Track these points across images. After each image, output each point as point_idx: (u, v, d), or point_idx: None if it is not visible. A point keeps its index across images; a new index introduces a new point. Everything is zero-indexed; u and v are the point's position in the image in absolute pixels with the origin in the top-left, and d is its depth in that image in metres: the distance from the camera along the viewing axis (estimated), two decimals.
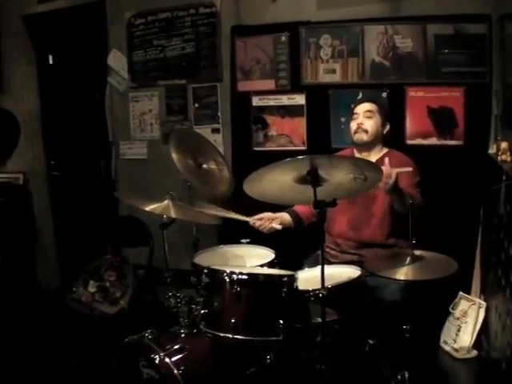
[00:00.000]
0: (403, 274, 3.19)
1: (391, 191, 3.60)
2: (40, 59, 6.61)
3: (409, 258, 3.27)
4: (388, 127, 4.18)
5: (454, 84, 4.62)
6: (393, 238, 4.03)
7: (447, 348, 4.32)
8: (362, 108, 4.15)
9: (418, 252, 3.31)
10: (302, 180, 2.99)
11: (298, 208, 4.32)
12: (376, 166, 3.09)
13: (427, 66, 4.68)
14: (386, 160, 3.58)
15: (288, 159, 2.87)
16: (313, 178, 2.94)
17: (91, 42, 6.21)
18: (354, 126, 4.15)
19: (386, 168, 3.49)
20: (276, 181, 3.03)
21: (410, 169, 3.75)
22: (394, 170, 3.52)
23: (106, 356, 3.83)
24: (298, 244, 4.41)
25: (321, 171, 2.93)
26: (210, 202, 4.35)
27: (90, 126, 6.44)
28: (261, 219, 4.16)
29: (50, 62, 6.71)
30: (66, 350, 4.62)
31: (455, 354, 4.24)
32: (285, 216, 4.29)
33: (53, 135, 6.70)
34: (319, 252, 3.98)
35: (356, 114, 4.17)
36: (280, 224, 4.19)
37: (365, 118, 4.10)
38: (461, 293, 4.41)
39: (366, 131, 4.08)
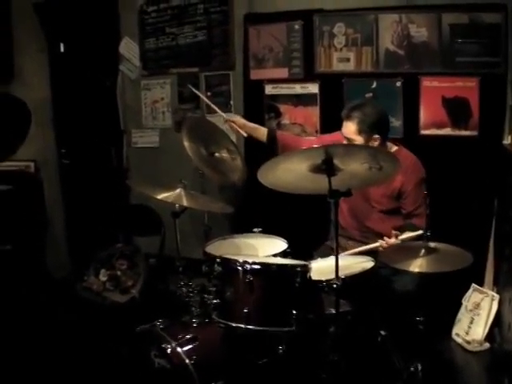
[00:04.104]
0: (417, 265, 3.16)
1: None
2: (51, 47, 6.59)
3: (423, 250, 3.24)
4: (378, 141, 3.85)
5: (469, 74, 4.57)
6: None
7: (459, 340, 4.30)
8: (343, 130, 3.92)
9: (432, 244, 3.28)
10: (316, 169, 2.96)
11: (286, 136, 4.50)
12: (392, 156, 3.06)
13: (442, 55, 4.63)
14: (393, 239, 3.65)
15: (303, 148, 2.85)
16: (328, 168, 2.91)
17: (103, 29, 6.19)
18: None
19: (386, 241, 3.63)
20: (290, 170, 3.01)
21: (419, 232, 3.54)
22: (398, 240, 3.61)
23: (118, 345, 3.83)
24: (308, 234, 4.40)
25: (336, 160, 2.91)
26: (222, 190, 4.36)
27: (102, 114, 6.41)
28: (233, 121, 4.33)
29: (62, 49, 6.67)
30: (77, 338, 4.62)
31: (467, 347, 4.22)
32: (260, 130, 4.45)
33: (64, 123, 6.68)
34: (328, 242, 4.00)
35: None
36: (248, 134, 4.39)
37: (346, 141, 3.91)
38: (474, 285, 4.39)
39: None
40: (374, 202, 4.00)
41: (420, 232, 3.48)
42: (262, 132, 4.42)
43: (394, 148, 4.06)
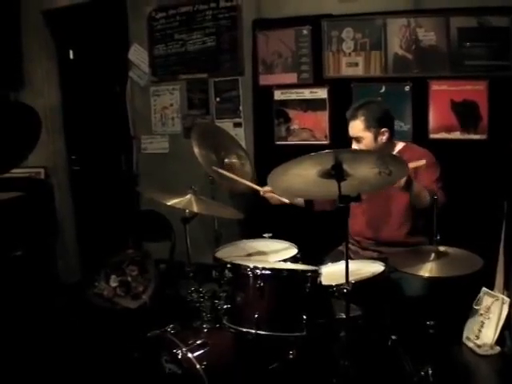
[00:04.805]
0: (428, 270, 3.16)
1: (405, 187, 3.54)
2: (61, 54, 6.63)
3: (433, 254, 3.24)
4: (386, 135, 3.92)
5: (478, 77, 4.56)
6: (414, 236, 3.97)
7: (470, 344, 4.29)
8: (351, 131, 3.96)
9: (442, 248, 3.28)
10: (326, 174, 2.96)
11: None
12: (401, 161, 3.05)
13: (450, 59, 4.63)
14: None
15: (313, 153, 2.85)
16: (337, 173, 2.91)
17: (112, 36, 6.22)
18: None
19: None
20: (300, 175, 3.01)
21: (424, 162, 3.57)
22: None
23: (128, 351, 3.84)
24: (320, 239, 4.40)
25: (345, 165, 2.91)
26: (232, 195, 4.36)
27: (111, 121, 6.44)
28: (272, 191, 4.12)
29: (71, 56, 6.72)
30: (88, 344, 4.64)
31: (478, 350, 4.21)
32: None
33: (74, 130, 6.72)
34: (340, 247, 3.99)
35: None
36: (290, 201, 4.20)
37: (355, 143, 3.95)
38: (484, 288, 4.38)
39: None
40: (394, 201, 4.00)
41: (423, 162, 3.54)
42: None
43: (402, 144, 4.08)
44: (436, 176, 3.85)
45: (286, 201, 4.16)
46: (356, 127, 3.90)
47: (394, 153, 4.00)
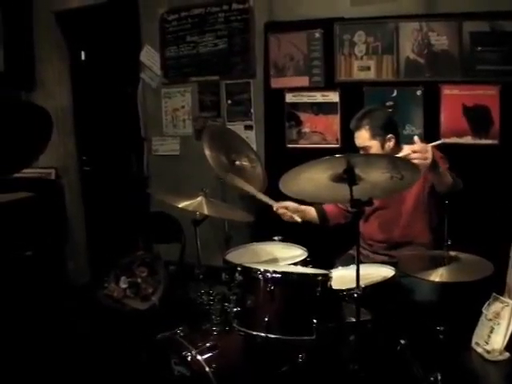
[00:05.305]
0: (438, 275, 3.15)
1: (432, 167, 3.45)
2: (72, 55, 6.66)
3: (444, 259, 3.23)
4: (393, 141, 3.92)
5: (490, 82, 4.55)
6: (424, 235, 3.98)
7: (479, 349, 4.27)
8: (357, 141, 3.96)
9: (453, 253, 3.27)
10: (338, 178, 2.97)
11: (327, 207, 4.30)
12: (413, 165, 3.05)
13: (462, 63, 4.62)
14: (416, 138, 3.41)
15: (325, 157, 2.85)
16: (349, 177, 2.92)
17: (124, 38, 6.24)
18: None
19: (419, 144, 3.34)
20: (312, 179, 3.01)
21: (442, 141, 3.60)
22: (427, 144, 3.40)
23: (137, 352, 3.84)
24: (330, 243, 4.40)
25: (357, 170, 2.91)
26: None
27: (122, 122, 6.46)
28: (285, 207, 4.13)
29: (83, 58, 6.75)
30: (97, 346, 4.65)
31: (487, 356, 4.19)
32: (310, 211, 4.27)
33: (85, 131, 6.75)
34: (351, 251, 3.99)
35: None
36: (302, 218, 4.17)
37: (362, 152, 3.93)
38: (494, 294, 4.36)
39: None
40: (405, 202, 3.98)
41: (442, 141, 3.57)
42: (312, 212, 4.30)
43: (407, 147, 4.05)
44: (448, 165, 3.79)
45: (299, 219, 4.15)
46: (362, 137, 3.90)
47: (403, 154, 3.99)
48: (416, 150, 3.27)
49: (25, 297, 4.95)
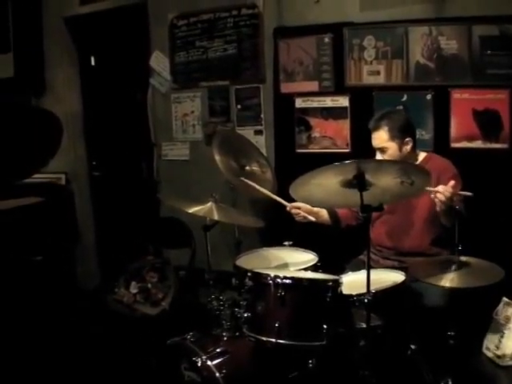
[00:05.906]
0: (449, 280, 3.15)
1: (445, 210, 3.51)
2: (82, 60, 6.68)
3: (455, 265, 3.22)
4: (410, 144, 3.91)
5: (500, 86, 4.53)
6: (435, 247, 3.95)
7: (490, 354, 4.25)
8: (374, 142, 3.94)
9: (464, 258, 3.26)
10: (348, 184, 2.97)
11: (345, 211, 4.30)
12: (424, 171, 3.05)
13: (472, 67, 4.60)
14: (452, 182, 3.46)
15: (335, 163, 2.85)
16: (359, 182, 2.92)
17: (133, 43, 6.25)
18: None
19: (449, 188, 3.41)
20: (322, 184, 3.02)
21: (471, 194, 3.53)
22: (455, 191, 3.45)
23: (148, 358, 3.85)
24: (340, 248, 4.40)
25: (367, 175, 2.91)
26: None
27: (132, 127, 6.47)
28: (298, 208, 4.12)
29: (92, 63, 6.77)
30: (107, 351, 4.65)
31: (498, 361, 4.17)
32: (323, 212, 4.25)
33: (95, 136, 6.77)
34: (361, 256, 3.98)
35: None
36: (315, 219, 4.17)
37: (379, 153, 3.93)
38: (504, 298, 4.34)
39: None
40: (416, 211, 3.98)
41: (471, 194, 3.52)
42: (324, 213, 4.27)
43: (424, 154, 4.07)
44: (459, 189, 3.80)
45: (312, 219, 4.14)
46: (380, 138, 3.88)
47: (419, 161, 4.01)
48: (444, 195, 3.35)
49: (35, 301, 4.96)
